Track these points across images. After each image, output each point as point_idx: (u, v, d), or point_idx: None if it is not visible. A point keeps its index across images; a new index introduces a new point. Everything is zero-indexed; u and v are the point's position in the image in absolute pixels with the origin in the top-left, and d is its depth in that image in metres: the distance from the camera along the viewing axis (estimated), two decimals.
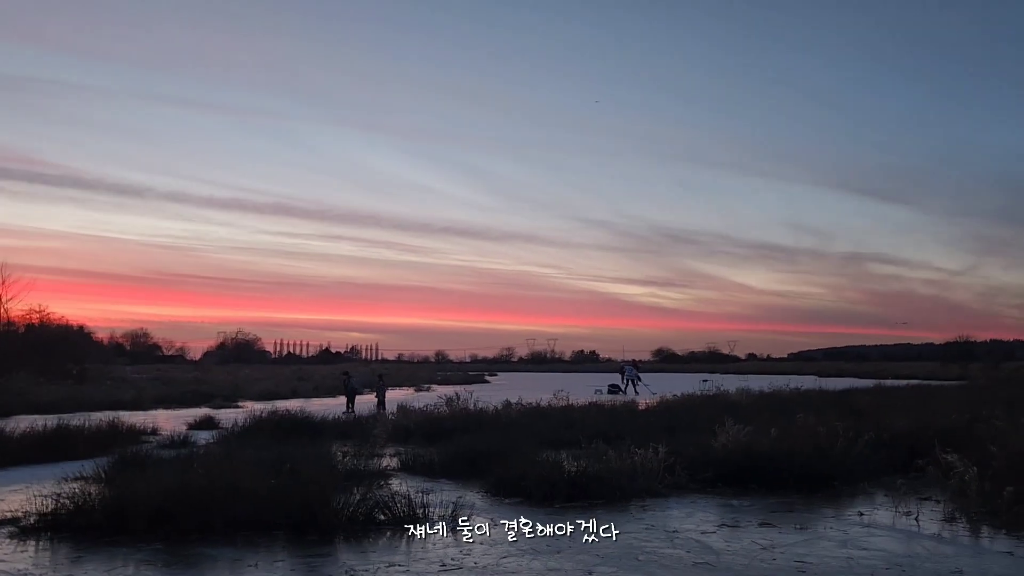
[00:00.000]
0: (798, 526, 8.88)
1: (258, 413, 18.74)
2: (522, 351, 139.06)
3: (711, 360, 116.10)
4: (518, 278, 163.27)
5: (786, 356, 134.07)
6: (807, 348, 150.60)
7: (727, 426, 12.33)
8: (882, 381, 38.80)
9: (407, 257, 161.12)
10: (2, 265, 49.60)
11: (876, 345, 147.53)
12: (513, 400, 22.37)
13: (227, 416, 23.26)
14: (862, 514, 9.53)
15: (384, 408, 26.30)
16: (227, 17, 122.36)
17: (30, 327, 51.40)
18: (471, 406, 19.70)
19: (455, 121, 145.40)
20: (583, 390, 34.51)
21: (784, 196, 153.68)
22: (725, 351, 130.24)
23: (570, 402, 22.45)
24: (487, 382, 61.03)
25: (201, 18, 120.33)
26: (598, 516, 9.32)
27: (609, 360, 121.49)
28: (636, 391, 40.36)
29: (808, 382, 34.99)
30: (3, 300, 48.71)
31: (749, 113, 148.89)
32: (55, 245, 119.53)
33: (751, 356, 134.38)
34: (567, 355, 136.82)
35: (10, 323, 49.93)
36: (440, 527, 8.74)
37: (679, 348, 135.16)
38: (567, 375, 75.26)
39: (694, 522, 9.11)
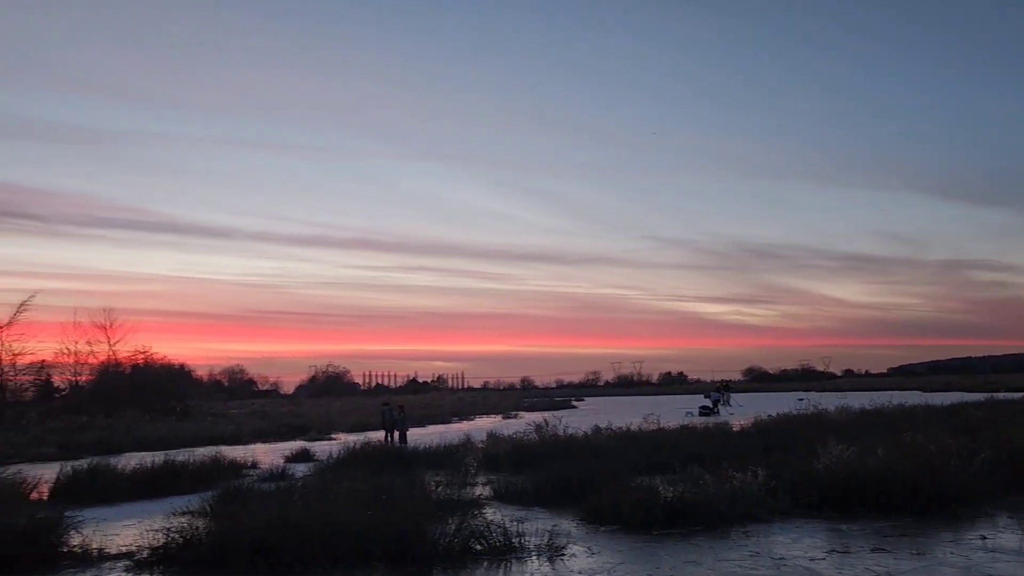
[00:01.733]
0: (915, 552, 8.39)
1: (351, 445, 19.04)
2: (608, 375, 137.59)
3: (805, 378, 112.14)
4: (598, 301, 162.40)
5: (886, 371, 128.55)
6: (907, 362, 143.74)
7: (830, 447, 11.82)
8: (994, 394, 36.66)
9: (487, 285, 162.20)
10: (109, 309, 52.36)
11: (984, 356, 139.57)
12: (602, 425, 22.09)
13: (322, 448, 23.73)
14: (984, 538, 8.94)
15: (404, 442, 23.89)
16: (302, 62, 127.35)
17: (136, 367, 53.84)
18: (560, 432, 19.53)
19: (528, 148, 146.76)
20: (672, 413, 33.83)
21: (873, 205, 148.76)
22: (819, 368, 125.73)
23: (661, 425, 22.01)
24: (574, 407, 60.52)
25: (278, 64, 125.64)
26: (699, 543, 9.10)
27: (697, 381, 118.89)
28: (728, 412, 39.35)
29: (912, 398, 33.41)
30: (111, 342, 51.25)
31: (830, 123, 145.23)
32: (155, 288, 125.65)
33: (848, 372, 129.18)
34: (654, 377, 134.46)
35: (118, 364, 52.41)
36: (537, 556, 8.67)
37: (769, 366, 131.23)
38: (655, 398, 74.01)
39: (801, 548, 8.73)
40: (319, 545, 8.44)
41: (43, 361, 48.63)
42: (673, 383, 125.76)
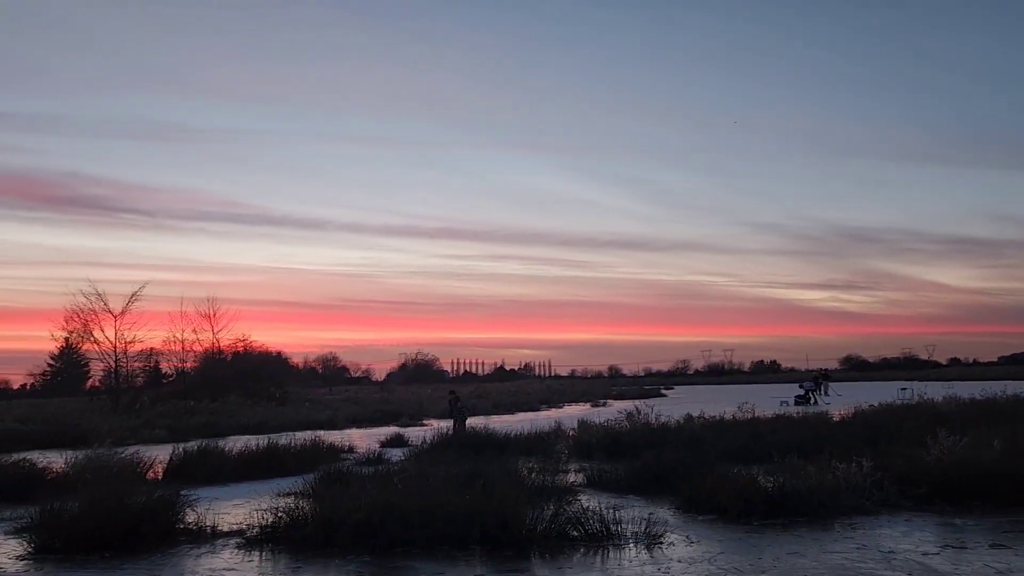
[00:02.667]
0: None
1: (444, 431, 19.35)
2: (698, 363, 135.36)
3: (907, 366, 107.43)
4: (687, 288, 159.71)
5: (996, 360, 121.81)
6: (1020, 350, 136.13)
7: (940, 437, 11.30)
8: None
9: (573, 272, 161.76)
10: (212, 299, 54.67)
11: None
12: (694, 414, 21.75)
13: (414, 434, 24.21)
14: None
15: (463, 430, 22.95)
16: (390, 56, 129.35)
17: (236, 355, 56.18)
18: (652, 420, 19.34)
19: (613, 133, 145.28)
20: (766, 402, 33.02)
21: (982, 184, 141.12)
22: (923, 356, 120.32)
23: (756, 414, 21.52)
24: (664, 396, 59.81)
25: (366, 59, 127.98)
26: (801, 534, 8.87)
27: (792, 370, 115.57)
28: (825, 401, 38.14)
29: None
30: (214, 330, 53.56)
31: (933, 97, 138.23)
32: (252, 278, 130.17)
33: (954, 361, 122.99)
34: (746, 366, 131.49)
35: (220, 351, 54.78)
36: (634, 544, 8.62)
37: (869, 355, 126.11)
38: (747, 387, 72.40)
39: (912, 542, 8.38)
40: (419, 528, 8.61)
41: (152, 349, 51.34)
42: (766, 372, 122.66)
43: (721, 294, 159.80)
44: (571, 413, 38.35)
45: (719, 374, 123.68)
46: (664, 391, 71.32)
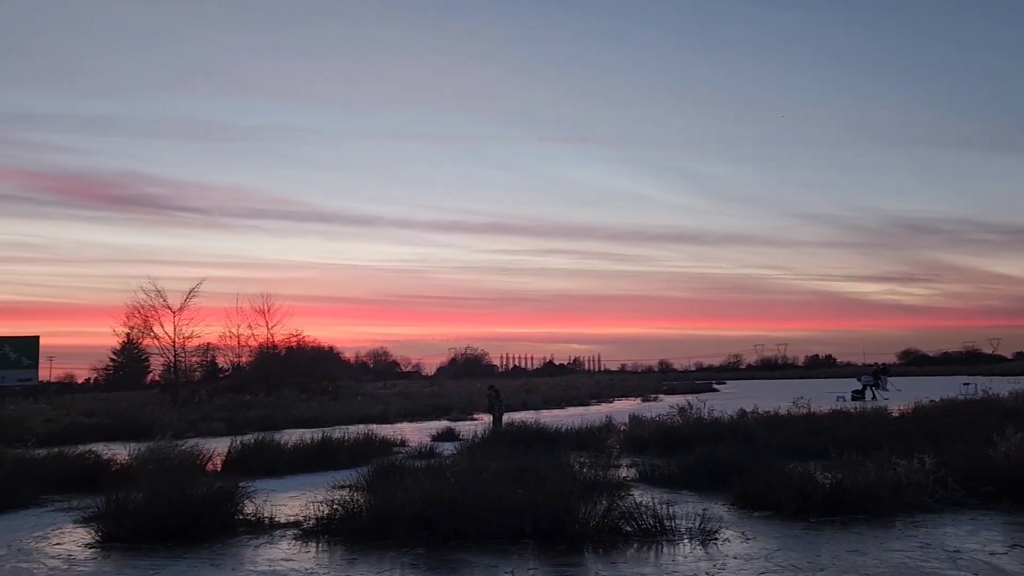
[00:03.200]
0: None
1: (503, 424, 19.39)
2: (750, 358, 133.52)
3: (970, 361, 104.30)
4: (740, 281, 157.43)
5: None
6: None
7: (1008, 434, 10.93)
8: None
9: (622, 267, 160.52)
10: (267, 295, 55.78)
11: None
12: (748, 409, 21.44)
13: (465, 428, 24.37)
14: None
15: (499, 424, 23.25)
16: (436, 52, 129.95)
17: (290, 349, 57.23)
18: (705, 415, 19.12)
19: (661, 126, 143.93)
20: (822, 397, 32.34)
21: None
22: (987, 351, 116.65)
23: (811, 409, 21.11)
24: (716, 390, 59.07)
25: (412, 55, 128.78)
26: (861, 532, 8.67)
27: (848, 364, 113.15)
28: (883, 396, 37.24)
29: None
30: (269, 326, 54.60)
31: (993, 83, 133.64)
32: (305, 274, 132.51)
33: (1020, 355, 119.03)
34: (800, 360, 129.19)
35: (274, 346, 55.86)
36: (689, 540, 8.53)
37: (929, 349, 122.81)
38: (801, 382, 71.20)
39: (978, 541, 8.13)
40: (471, 521, 8.65)
41: (208, 344, 52.58)
42: (821, 366, 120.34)
43: (774, 287, 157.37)
44: (621, 408, 38.17)
45: (772, 369, 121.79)
46: (716, 386, 70.51)
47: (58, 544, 9.26)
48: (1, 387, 50.07)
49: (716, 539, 8.53)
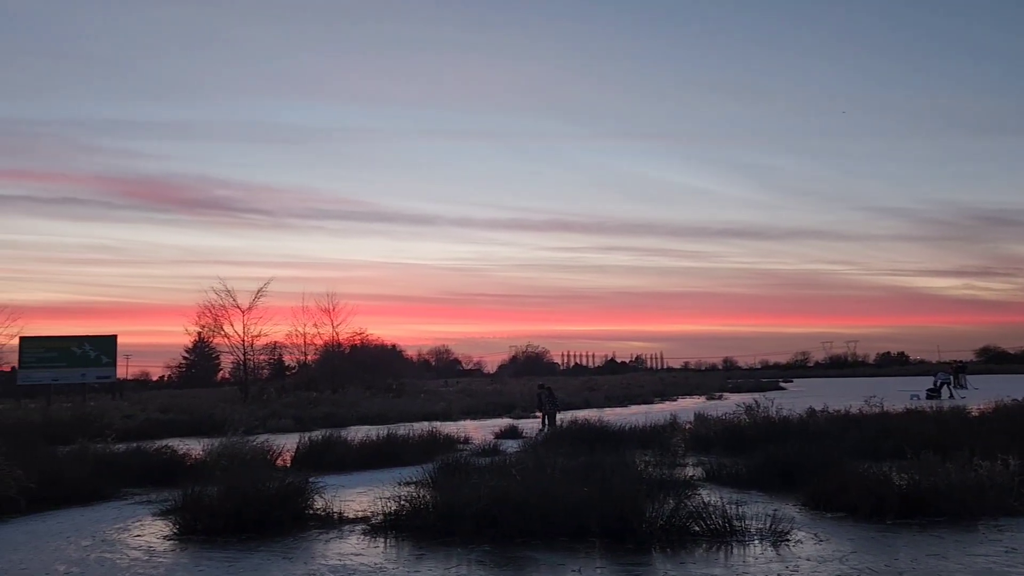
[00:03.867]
0: None
1: (558, 422, 19.36)
2: (818, 355, 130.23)
3: None
4: (806, 277, 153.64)
5: None
6: None
7: None
8: None
9: (685, 263, 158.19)
10: (332, 294, 56.81)
11: None
12: (817, 407, 20.94)
13: (528, 426, 24.39)
14: None
15: (547, 426, 22.80)
16: (492, 48, 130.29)
17: (354, 347, 58.21)
18: (772, 414, 18.73)
19: (723, 119, 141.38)
20: (895, 396, 31.37)
21: None
22: None
23: (884, 408, 20.48)
24: (783, 389, 57.82)
25: (471, 54, 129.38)
26: (941, 535, 8.38)
27: (921, 362, 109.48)
28: (960, 395, 35.94)
29: None
30: (334, 324, 55.62)
31: None
32: (367, 274, 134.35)
33: None
34: (871, 358, 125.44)
35: (339, 344, 56.87)
36: (759, 541, 8.37)
37: (1009, 346, 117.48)
38: (873, 380, 69.20)
39: None
40: (538, 519, 8.65)
41: (276, 342, 53.83)
42: (893, 364, 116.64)
43: (842, 283, 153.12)
44: (685, 406, 37.70)
45: (841, 366, 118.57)
46: (783, 384, 69.02)
47: (139, 536, 9.60)
48: (82, 384, 52.22)
49: (788, 540, 8.35)
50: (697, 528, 8.68)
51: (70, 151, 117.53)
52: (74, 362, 51.36)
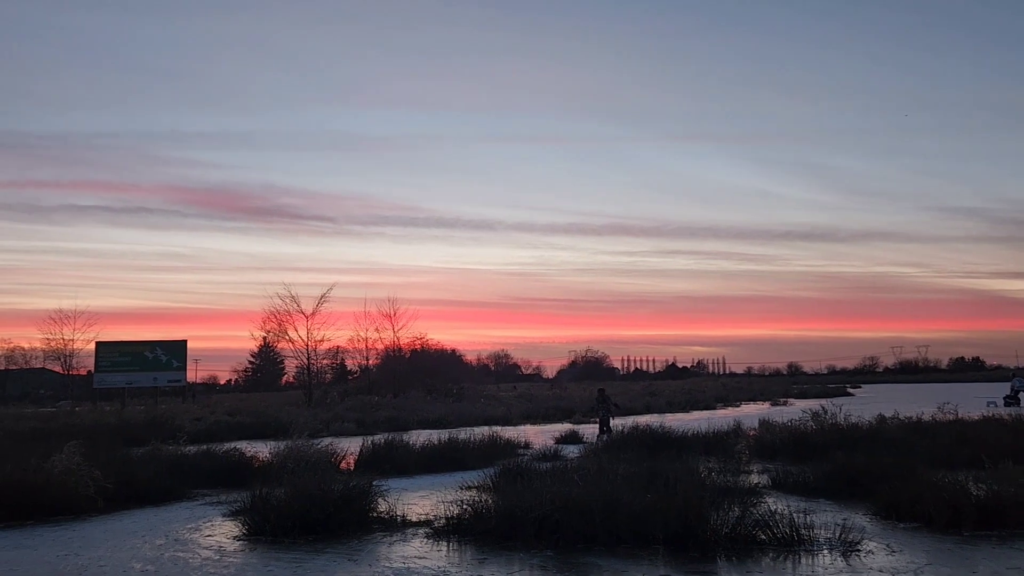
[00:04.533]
0: None
1: (619, 428, 19.23)
2: (887, 360, 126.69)
3: None
4: (874, 280, 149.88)
5: None
6: None
7: None
8: None
9: (747, 266, 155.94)
10: (393, 299, 57.52)
11: None
12: (887, 414, 20.32)
13: (588, 431, 24.27)
14: None
15: (607, 433, 22.40)
16: (549, 54, 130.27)
17: (415, 352, 58.77)
18: (840, 420, 18.24)
19: (785, 119, 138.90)
20: (971, 402, 30.33)
21: None
22: None
23: (959, 416, 19.78)
24: (850, 395, 56.42)
25: (525, 58, 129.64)
26: (1023, 548, 8.04)
27: (998, 367, 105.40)
28: None
29: None
30: (395, 329, 56.28)
31: None
32: (427, 279, 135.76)
33: None
34: (943, 363, 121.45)
35: (399, 349, 57.51)
36: (829, 550, 8.16)
37: None
38: (946, 386, 66.85)
39: None
40: (601, 525, 8.60)
41: (338, 347, 54.77)
42: (967, 369, 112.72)
43: (912, 286, 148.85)
44: (749, 412, 37.03)
45: (912, 372, 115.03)
46: (850, 390, 67.37)
47: (209, 536, 9.86)
48: (153, 387, 53.95)
49: (858, 550, 8.13)
50: (764, 536, 8.51)
51: (141, 162, 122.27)
52: (146, 366, 53.07)
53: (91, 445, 13.43)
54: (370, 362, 57.70)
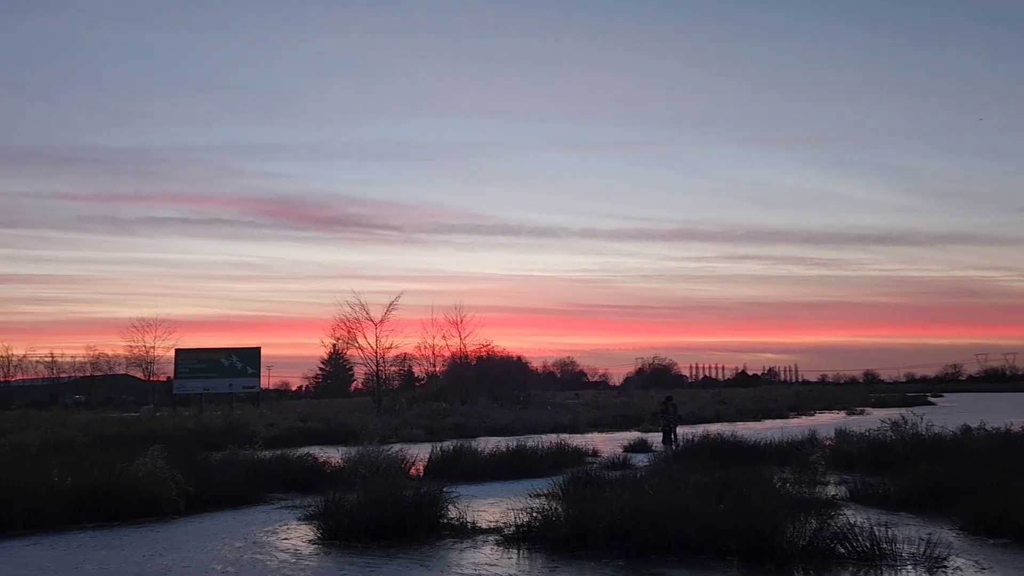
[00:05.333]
0: None
1: (690, 437, 18.95)
2: (972, 368, 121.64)
3: None
4: (956, 285, 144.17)
5: None
6: None
7: None
8: None
9: (819, 271, 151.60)
10: (460, 307, 57.89)
11: None
12: (972, 424, 19.51)
13: (657, 439, 23.95)
14: None
15: (673, 442, 22.19)
16: (610, 58, 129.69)
17: (481, 359, 59.05)
18: (922, 430, 17.58)
19: (859, 118, 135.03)
20: None
21: None
22: None
23: None
24: (932, 404, 54.27)
25: (586, 64, 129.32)
26: None
27: None
28: None
29: None
30: (461, 336, 56.68)
31: None
32: (492, 286, 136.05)
33: None
34: None
35: (465, 356, 57.88)
36: (913, 566, 7.87)
37: None
38: None
39: None
40: (673, 535, 8.47)
41: (406, 354, 55.45)
42: None
43: (999, 291, 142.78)
44: (824, 421, 36.06)
45: (999, 380, 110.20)
46: (931, 399, 64.89)
47: (286, 539, 10.08)
48: (229, 393, 55.57)
49: (945, 567, 7.83)
50: (842, 550, 8.26)
51: (215, 175, 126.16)
52: (223, 372, 54.70)
53: (172, 449, 13.90)
54: (437, 369, 58.33)
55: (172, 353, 56.04)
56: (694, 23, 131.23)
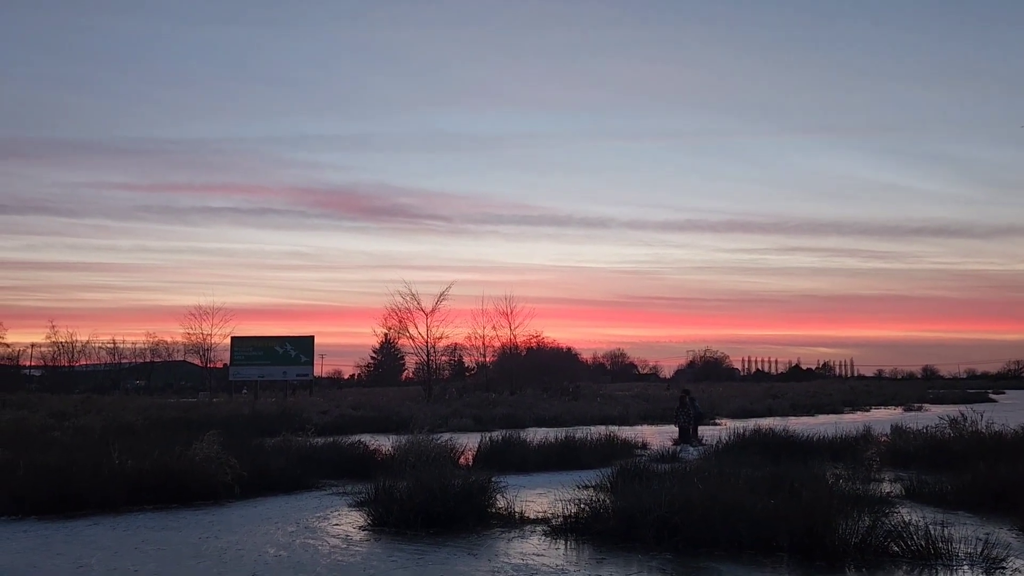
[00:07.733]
0: None
1: (740, 431, 18.72)
2: None
3: None
4: (1018, 279, 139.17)
5: None
6: None
7: None
8: None
9: (875, 264, 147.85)
10: (509, 297, 58.14)
11: None
12: None
13: (708, 432, 23.73)
14: None
15: (693, 439, 21.89)
16: (664, 49, 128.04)
17: (530, 350, 59.22)
18: (982, 428, 17.08)
19: (918, 108, 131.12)
20: None
21: None
22: None
23: None
24: (993, 401, 52.66)
25: (634, 53, 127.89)
26: None
27: None
28: None
29: None
30: (511, 327, 56.88)
31: None
32: (541, 277, 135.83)
33: None
34: None
35: (515, 347, 58.07)
36: (969, 567, 7.68)
37: None
38: None
39: None
40: (722, 529, 8.41)
41: (456, 344, 55.87)
42: None
43: None
44: (879, 417, 35.25)
45: None
46: (992, 395, 62.97)
47: (337, 524, 10.28)
48: (283, 380, 56.72)
49: (1003, 568, 7.62)
50: (896, 548, 8.11)
51: (267, 165, 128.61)
52: (277, 360, 55.85)
53: (228, 435, 14.25)
54: (487, 359, 58.64)
55: (228, 341, 57.41)
56: (748, 10, 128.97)
